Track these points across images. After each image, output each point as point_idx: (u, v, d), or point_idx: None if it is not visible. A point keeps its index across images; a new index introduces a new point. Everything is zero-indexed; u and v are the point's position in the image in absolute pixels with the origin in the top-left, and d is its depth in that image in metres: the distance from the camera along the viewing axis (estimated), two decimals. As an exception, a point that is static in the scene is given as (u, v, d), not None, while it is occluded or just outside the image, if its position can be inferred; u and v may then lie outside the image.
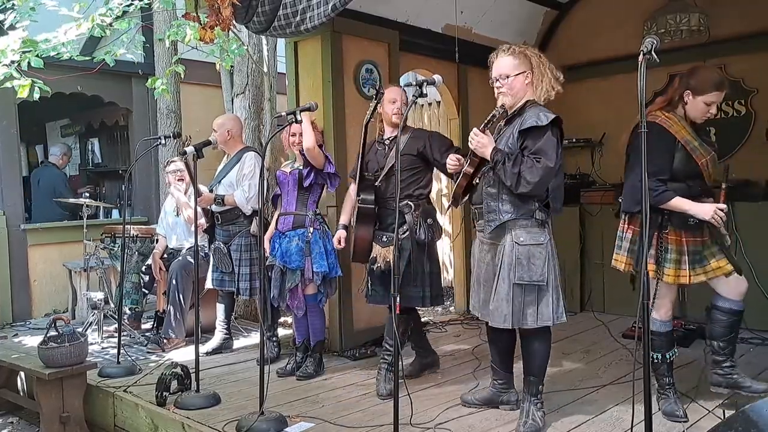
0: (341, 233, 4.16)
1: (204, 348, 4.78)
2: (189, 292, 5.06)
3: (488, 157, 3.09)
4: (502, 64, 3.23)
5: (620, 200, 3.37)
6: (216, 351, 4.92)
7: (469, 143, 3.15)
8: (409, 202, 3.84)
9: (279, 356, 4.72)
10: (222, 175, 4.81)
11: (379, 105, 3.95)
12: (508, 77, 3.19)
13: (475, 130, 3.13)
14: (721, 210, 3.11)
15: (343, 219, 4.19)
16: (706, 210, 3.12)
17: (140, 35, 6.20)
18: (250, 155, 4.73)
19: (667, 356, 3.34)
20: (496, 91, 3.24)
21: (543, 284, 3.12)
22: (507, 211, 3.14)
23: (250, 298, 4.74)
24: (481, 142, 3.10)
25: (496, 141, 3.17)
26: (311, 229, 4.13)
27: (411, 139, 3.97)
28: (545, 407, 3.35)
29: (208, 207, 4.75)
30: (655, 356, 3.33)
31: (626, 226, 3.35)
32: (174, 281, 5.01)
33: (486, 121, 3.13)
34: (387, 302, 3.92)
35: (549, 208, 3.20)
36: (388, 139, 4.04)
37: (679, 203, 3.13)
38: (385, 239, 3.91)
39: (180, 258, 5.17)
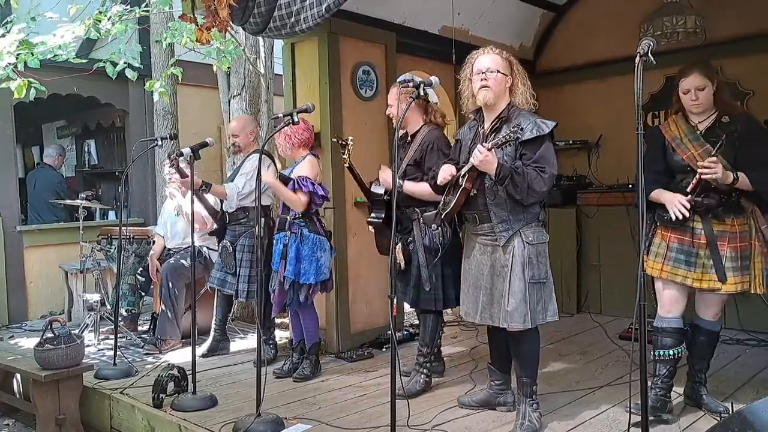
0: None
1: (199, 350, 4.78)
2: (182, 293, 5.06)
3: (492, 174, 3.07)
4: (492, 59, 3.22)
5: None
6: (211, 352, 4.90)
7: (472, 159, 3.09)
8: (416, 209, 3.86)
9: (276, 358, 4.72)
10: (232, 177, 4.79)
11: (348, 151, 3.90)
12: (496, 72, 3.18)
13: (480, 147, 3.07)
14: (683, 204, 3.09)
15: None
16: (667, 199, 3.17)
17: (137, 43, 6.19)
18: (255, 156, 4.67)
19: (659, 353, 3.30)
20: (478, 84, 3.20)
21: (546, 281, 3.20)
22: (519, 220, 3.16)
23: (246, 300, 4.71)
24: (487, 160, 3.04)
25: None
26: (289, 233, 4.12)
27: (420, 144, 3.94)
28: (542, 408, 3.36)
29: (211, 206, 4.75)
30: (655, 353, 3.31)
31: None
32: (166, 283, 5.01)
33: (500, 143, 3.05)
34: (404, 299, 4.08)
35: (545, 207, 3.30)
36: (401, 140, 4.04)
37: (657, 195, 3.22)
38: (399, 243, 3.98)
39: (171, 260, 5.17)
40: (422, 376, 3.95)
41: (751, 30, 5.19)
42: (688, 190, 3.13)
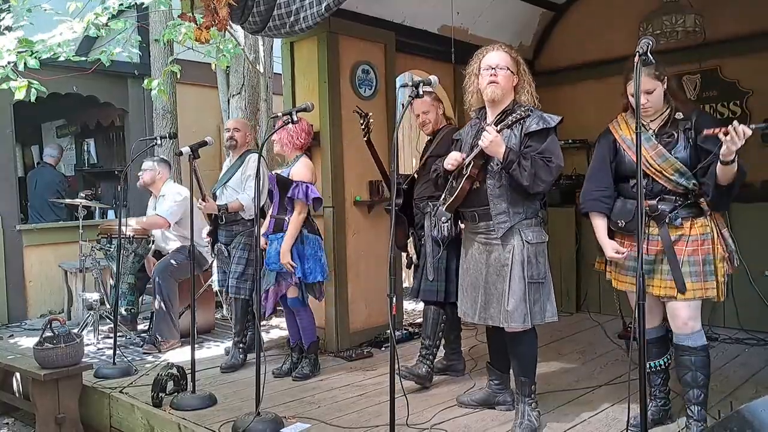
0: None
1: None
2: (174, 293, 5.06)
3: (501, 157, 3.05)
4: (501, 56, 3.21)
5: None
6: (229, 368, 4.54)
7: (480, 142, 3.08)
8: (430, 203, 3.91)
9: (244, 363, 4.58)
10: (227, 177, 4.74)
11: (368, 124, 4.13)
12: (505, 69, 3.17)
13: (489, 127, 3.07)
14: (615, 254, 3.04)
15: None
16: (603, 242, 3.11)
17: (136, 34, 6.19)
18: (254, 157, 4.62)
19: (648, 365, 3.16)
20: (486, 79, 3.18)
21: (545, 281, 3.18)
22: (517, 213, 3.15)
23: (235, 297, 4.64)
24: (496, 141, 3.04)
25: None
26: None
27: (441, 141, 4.03)
28: (541, 407, 3.36)
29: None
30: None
31: None
32: (157, 283, 5.01)
33: (509, 124, 3.06)
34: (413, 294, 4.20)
35: (546, 205, 3.28)
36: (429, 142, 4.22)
37: (595, 225, 3.15)
38: (411, 237, 4.14)
39: (162, 260, 5.17)
40: (424, 366, 3.98)
41: (750, 29, 5.19)
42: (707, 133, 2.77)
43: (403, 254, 4.54)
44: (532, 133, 3.11)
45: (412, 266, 4.29)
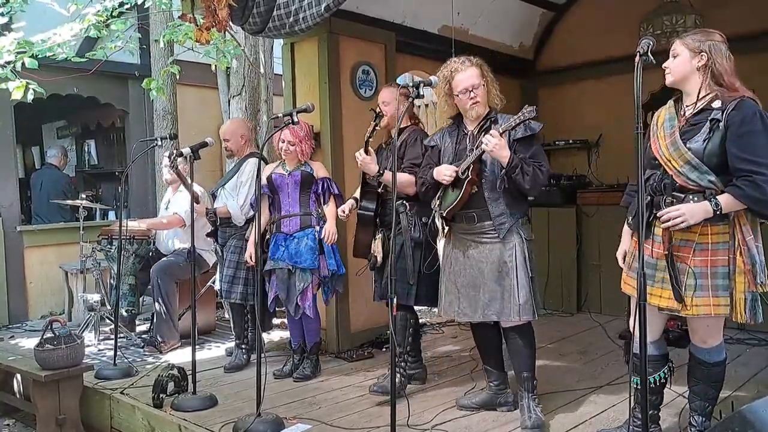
0: (350, 203, 4.10)
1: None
2: (173, 293, 5.06)
3: (504, 161, 3.11)
4: (472, 74, 3.27)
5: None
6: (234, 368, 4.56)
7: (485, 145, 3.10)
8: (405, 201, 3.79)
9: (248, 363, 4.57)
10: (226, 179, 4.73)
11: (379, 123, 3.90)
12: (480, 86, 3.27)
13: (492, 132, 3.11)
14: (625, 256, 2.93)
15: (357, 194, 4.13)
16: (621, 243, 2.98)
17: (136, 33, 6.19)
18: (252, 162, 4.56)
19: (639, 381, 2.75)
20: (468, 102, 3.27)
21: (536, 277, 3.31)
22: (514, 215, 3.26)
23: (225, 299, 4.61)
24: (500, 145, 3.09)
25: (473, 150, 3.22)
26: (318, 228, 4.14)
27: (404, 140, 3.92)
28: (542, 407, 3.36)
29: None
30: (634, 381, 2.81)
31: None
32: (156, 283, 5.00)
33: (513, 125, 3.11)
34: (384, 298, 3.96)
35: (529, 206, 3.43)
36: (390, 140, 4.02)
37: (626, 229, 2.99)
38: (380, 235, 3.95)
39: (162, 260, 5.17)
40: (397, 375, 3.86)
41: (750, 29, 5.19)
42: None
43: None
44: (519, 138, 3.21)
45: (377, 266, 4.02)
